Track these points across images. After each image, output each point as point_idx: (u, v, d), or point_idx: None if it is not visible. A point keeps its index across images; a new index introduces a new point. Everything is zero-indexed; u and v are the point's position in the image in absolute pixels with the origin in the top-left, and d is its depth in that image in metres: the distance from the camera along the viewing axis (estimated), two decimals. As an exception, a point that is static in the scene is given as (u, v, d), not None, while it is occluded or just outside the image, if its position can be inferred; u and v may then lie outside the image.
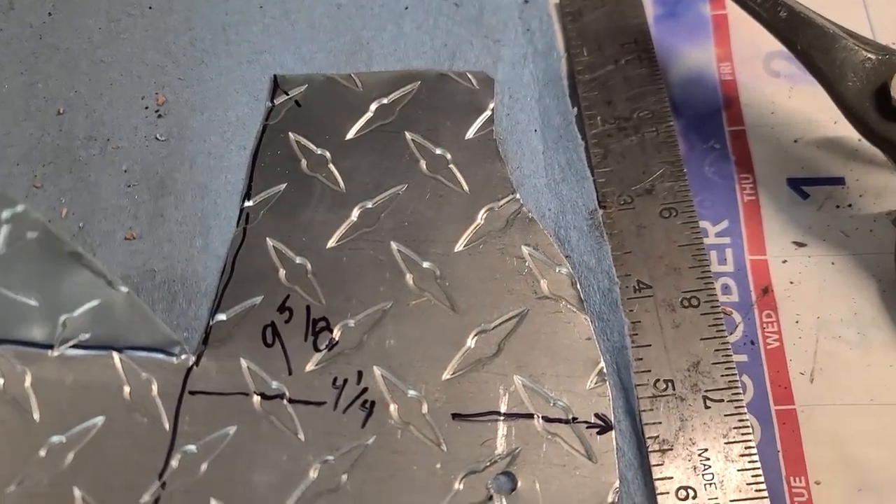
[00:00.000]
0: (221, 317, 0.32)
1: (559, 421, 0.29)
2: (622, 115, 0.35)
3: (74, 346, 0.32)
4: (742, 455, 0.28)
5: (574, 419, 0.29)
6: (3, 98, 0.38)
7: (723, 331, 0.30)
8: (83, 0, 0.41)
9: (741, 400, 0.29)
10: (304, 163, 0.35)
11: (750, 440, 0.28)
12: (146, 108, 0.38)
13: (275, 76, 0.38)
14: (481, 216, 0.33)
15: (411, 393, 0.30)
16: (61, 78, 0.39)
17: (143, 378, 0.31)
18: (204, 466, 0.29)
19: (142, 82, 0.39)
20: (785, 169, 0.33)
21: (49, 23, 0.41)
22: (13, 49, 0.40)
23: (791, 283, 0.31)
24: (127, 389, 0.31)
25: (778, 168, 0.33)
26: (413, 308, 0.31)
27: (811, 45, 0.29)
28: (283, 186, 0.35)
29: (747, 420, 0.28)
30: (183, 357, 0.32)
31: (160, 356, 0.32)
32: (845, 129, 0.31)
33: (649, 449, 0.28)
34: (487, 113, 0.35)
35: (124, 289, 0.30)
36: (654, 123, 0.34)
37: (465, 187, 0.33)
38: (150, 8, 0.41)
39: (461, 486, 0.28)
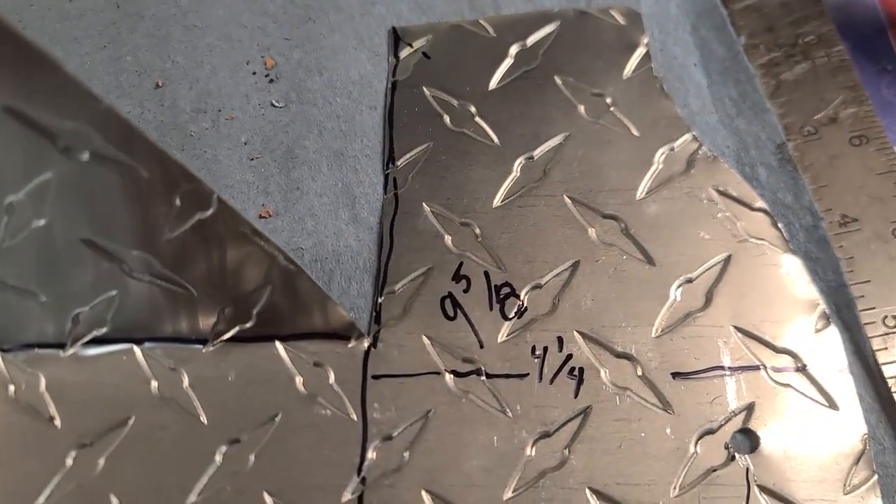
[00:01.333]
0: (391, 292, 0.29)
1: (789, 370, 0.27)
2: (787, 42, 0.32)
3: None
4: None
5: (805, 366, 0.27)
6: (88, 74, 0.34)
7: (943, 258, 0.28)
8: (157, -38, 0.37)
9: (980, 329, 0.27)
10: (447, 118, 0.32)
11: None
12: (254, 73, 0.34)
13: (394, 28, 0.35)
14: (658, 159, 0.30)
15: (622, 355, 0.27)
16: (152, 48, 0.35)
17: (311, 367, 0.28)
18: (406, 455, 0.27)
19: (243, 46, 0.35)
20: (969, 84, 0.31)
21: (123, -11, 0.37)
22: (88, 21, 0.36)
23: None
24: (300, 380, 0.28)
25: (961, 84, 0.31)
26: (604, 263, 0.29)
27: None
28: (428, 145, 0.32)
29: None
30: (358, 340, 0.29)
31: (332, 342, 0.29)
32: None
33: (893, 389, 0.26)
34: (642, 49, 0.33)
35: (294, 267, 0.27)
36: (821, 48, 0.32)
37: (634, 130, 0.31)
38: (234, -36, 0.37)
39: (698, 450, 0.26)
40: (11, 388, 0.29)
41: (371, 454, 0.27)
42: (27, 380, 0.29)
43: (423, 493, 0.26)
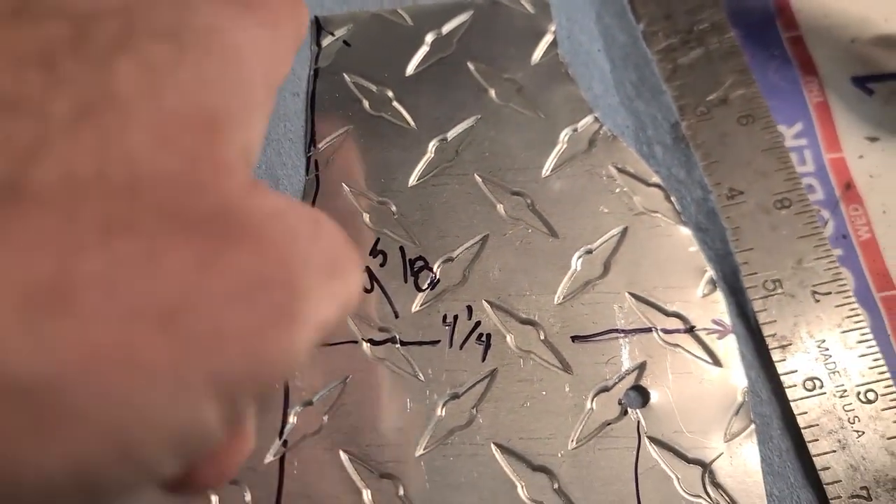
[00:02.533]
0: (311, 267, 0.31)
1: (678, 331, 0.29)
2: (683, 29, 0.34)
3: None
4: (859, 342, 0.29)
5: (692, 328, 0.29)
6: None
7: (818, 227, 0.30)
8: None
9: (848, 290, 0.29)
10: (365, 103, 0.34)
11: (864, 327, 0.29)
12: (180, 61, 0.35)
13: (316, 17, 0.36)
14: (563, 139, 0.32)
15: (526, 321, 0.29)
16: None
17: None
18: (325, 419, 0.28)
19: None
20: (847, 68, 0.34)
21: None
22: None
23: (871, 176, 0.32)
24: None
25: (840, 68, 0.34)
26: (511, 237, 0.31)
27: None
28: (348, 129, 0.33)
29: (857, 308, 0.29)
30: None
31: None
32: (900, 25, 0.32)
33: (770, 347, 0.29)
34: (549, 36, 0.35)
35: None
36: (715, 35, 0.34)
37: (541, 112, 0.33)
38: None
39: (594, 406, 0.28)
40: None
41: (292, 419, 0.29)
42: None
43: (341, 452, 0.28)
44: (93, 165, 0.11)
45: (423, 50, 0.35)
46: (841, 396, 0.28)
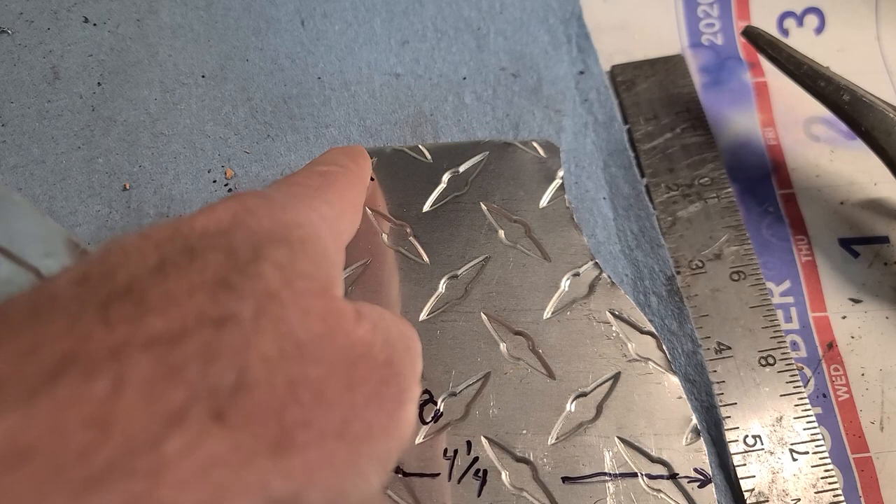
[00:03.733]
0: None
1: (661, 477, 0.31)
2: (684, 182, 0.37)
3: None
4: (832, 503, 0.31)
5: (675, 475, 0.31)
6: (63, 173, 0.38)
7: (799, 386, 0.33)
8: (133, 69, 0.41)
9: (825, 451, 0.31)
10: (384, 236, 0.36)
11: (837, 488, 0.31)
12: (214, 181, 0.38)
13: (343, 149, 0.39)
14: (565, 283, 0.35)
15: (521, 460, 0.32)
16: (122, 152, 0.39)
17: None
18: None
19: (206, 155, 0.39)
20: (835, 229, 0.36)
21: (100, 93, 0.41)
22: (66, 121, 0.40)
23: (852, 337, 0.34)
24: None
25: (829, 229, 0.36)
26: (511, 376, 0.33)
27: (874, 126, 0.32)
28: (367, 261, 0.36)
29: (832, 469, 0.31)
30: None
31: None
32: (887, 190, 0.34)
33: (748, 501, 0.31)
34: (557, 181, 0.37)
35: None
36: (714, 190, 0.37)
37: (546, 255, 0.35)
38: (203, 76, 0.41)
39: (580, 548, 0.30)
40: None
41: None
42: None
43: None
44: (275, 346, 0.16)
45: (440, 187, 0.37)
46: (812, 555, 0.30)
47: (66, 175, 0.38)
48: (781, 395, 0.32)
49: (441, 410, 0.33)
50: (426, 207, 0.37)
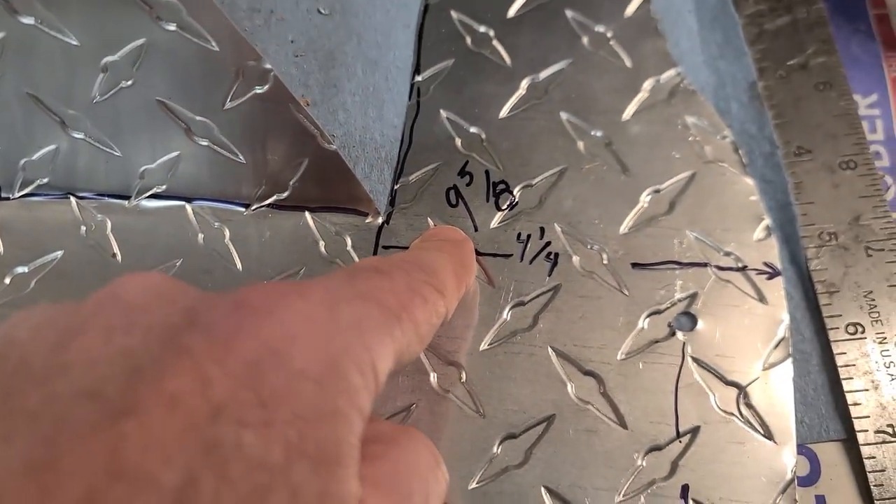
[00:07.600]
0: (405, 181, 0.35)
1: (731, 269, 0.32)
2: (773, -4, 0.37)
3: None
4: (904, 297, 0.31)
5: (745, 267, 0.32)
6: None
7: (879, 190, 0.32)
8: None
9: (901, 251, 0.31)
10: (468, 40, 0.37)
11: (910, 284, 0.31)
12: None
13: (430, -40, 0.39)
14: (645, 88, 0.35)
15: (592, 246, 0.33)
16: (221, -40, 0.40)
17: (333, 235, 0.34)
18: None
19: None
20: (929, 47, 0.35)
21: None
22: None
23: (938, 149, 0.34)
24: (322, 244, 0.34)
25: (922, 47, 0.36)
26: (587, 171, 0.34)
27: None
28: (450, 62, 0.37)
29: (907, 267, 0.31)
30: (374, 217, 0.34)
31: (353, 216, 0.34)
32: None
33: (818, 291, 0.31)
34: (643, -7, 0.37)
35: (333, 146, 0.32)
36: (804, 4, 0.36)
37: (628, 62, 0.36)
38: None
39: (645, 325, 0.31)
40: (83, 228, 0.35)
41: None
42: (97, 223, 0.35)
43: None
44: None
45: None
46: (880, 343, 0.30)
47: None
48: (861, 197, 0.32)
49: (517, 199, 0.34)
50: (511, 13, 0.37)
